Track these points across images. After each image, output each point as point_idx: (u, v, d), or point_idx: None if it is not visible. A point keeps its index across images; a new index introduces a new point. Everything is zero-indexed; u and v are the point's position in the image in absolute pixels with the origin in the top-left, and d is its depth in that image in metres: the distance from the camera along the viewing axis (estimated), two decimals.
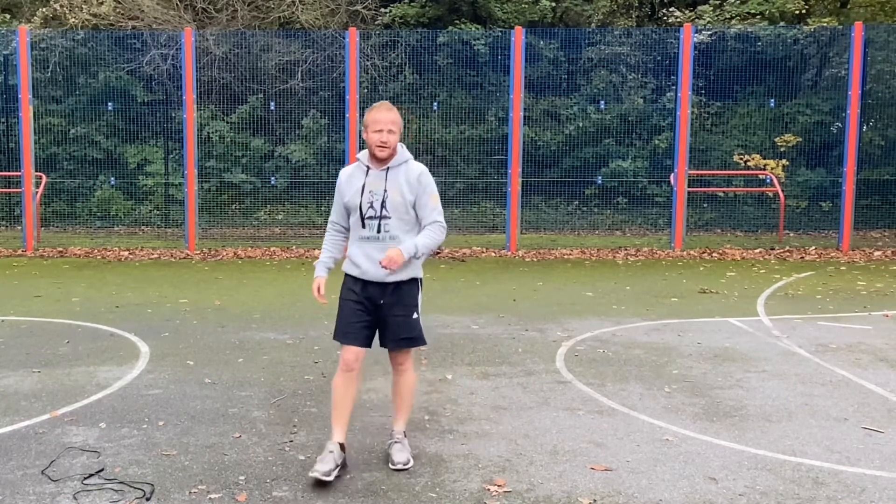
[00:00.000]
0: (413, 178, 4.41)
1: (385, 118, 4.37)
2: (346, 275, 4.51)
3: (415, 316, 4.46)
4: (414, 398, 4.74)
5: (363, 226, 4.39)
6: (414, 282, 4.49)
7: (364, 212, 4.38)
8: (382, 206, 4.37)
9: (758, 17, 15.74)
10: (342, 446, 4.36)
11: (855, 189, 13.33)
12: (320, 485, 4.16)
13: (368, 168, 4.45)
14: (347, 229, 4.55)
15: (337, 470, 4.22)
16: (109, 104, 15.21)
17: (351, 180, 4.48)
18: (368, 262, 4.38)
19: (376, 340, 4.54)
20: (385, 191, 4.38)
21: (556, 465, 4.48)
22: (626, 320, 8.19)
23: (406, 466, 4.39)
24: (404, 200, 4.38)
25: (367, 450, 4.68)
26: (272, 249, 13.28)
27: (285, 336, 7.46)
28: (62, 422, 5.12)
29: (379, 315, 4.44)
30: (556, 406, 5.46)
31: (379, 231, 4.38)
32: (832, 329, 7.81)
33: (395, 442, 4.51)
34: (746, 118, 15.53)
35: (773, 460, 4.55)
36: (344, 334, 4.44)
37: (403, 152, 4.49)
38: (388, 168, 4.43)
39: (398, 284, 4.41)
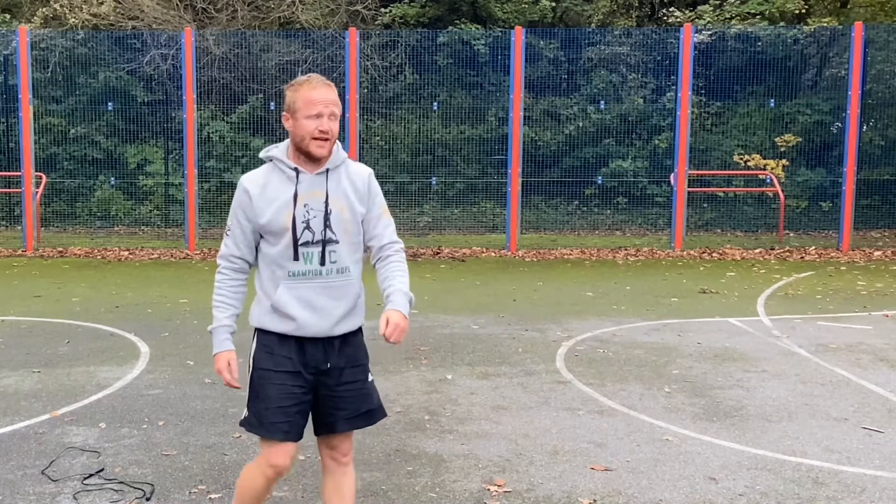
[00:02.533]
0: (362, 183, 3.14)
1: (326, 97, 2.98)
2: (266, 333, 3.11)
3: (370, 379, 3.23)
4: None
5: (296, 257, 3.02)
6: (360, 331, 3.23)
7: (299, 235, 3.02)
8: (326, 225, 3.05)
9: (758, 17, 15.74)
10: None
11: (855, 189, 13.33)
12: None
13: (298, 172, 3.04)
14: (251, 266, 3.18)
15: None
16: (109, 104, 15.21)
17: (268, 191, 3.04)
18: (308, 310, 3.03)
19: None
20: (327, 204, 3.05)
21: (556, 465, 4.48)
22: (626, 320, 8.19)
23: None
24: (354, 216, 3.12)
25: (367, 450, 4.68)
26: None
27: None
28: (62, 422, 5.12)
29: (323, 386, 3.11)
30: (556, 406, 5.46)
31: (323, 262, 3.05)
32: (832, 329, 7.81)
33: None
34: (746, 118, 15.53)
35: (773, 460, 4.55)
36: (273, 426, 3.06)
37: (339, 148, 3.13)
38: (326, 171, 3.07)
39: (345, 338, 3.13)
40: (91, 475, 4.29)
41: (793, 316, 8.44)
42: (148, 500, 4.02)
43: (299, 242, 3.02)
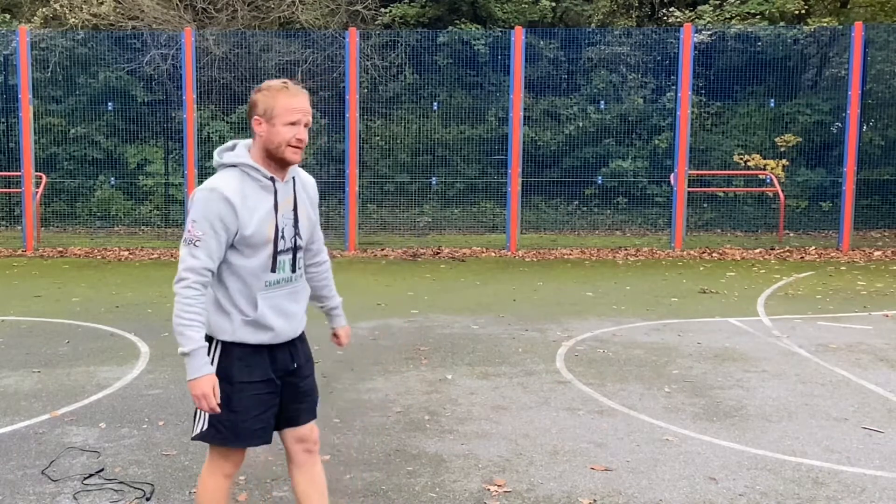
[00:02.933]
0: (313, 191, 3.26)
1: (304, 106, 2.98)
2: (239, 346, 3.04)
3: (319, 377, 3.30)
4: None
5: (273, 268, 3.01)
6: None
7: (277, 246, 3.01)
8: (296, 232, 3.09)
9: (758, 17, 15.74)
10: None
11: (855, 189, 13.32)
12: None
13: (273, 180, 3.01)
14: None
15: None
16: (109, 104, 15.21)
17: (248, 202, 2.94)
18: (282, 318, 3.06)
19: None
20: (296, 211, 3.10)
21: (556, 465, 4.48)
22: (626, 320, 8.19)
23: None
24: (311, 222, 3.21)
25: (367, 450, 4.68)
26: None
27: None
28: (62, 422, 5.12)
29: (289, 385, 3.19)
30: (556, 406, 5.46)
31: (294, 269, 3.08)
32: (832, 329, 7.81)
33: None
34: (746, 118, 15.53)
35: (773, 460, 4.55)
36: (252, 434, 3.14)
37: None
38: (293, 178, 3.11)
39: (301, 336, 3.24)
40: (91, 475, 4.29)
41: (793, 316, 8.44)
42: (148, 500, 4.02)
43: (278, 252, 3.01)
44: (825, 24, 15.37)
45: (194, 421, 3.21)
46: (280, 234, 3.00)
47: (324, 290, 3.36)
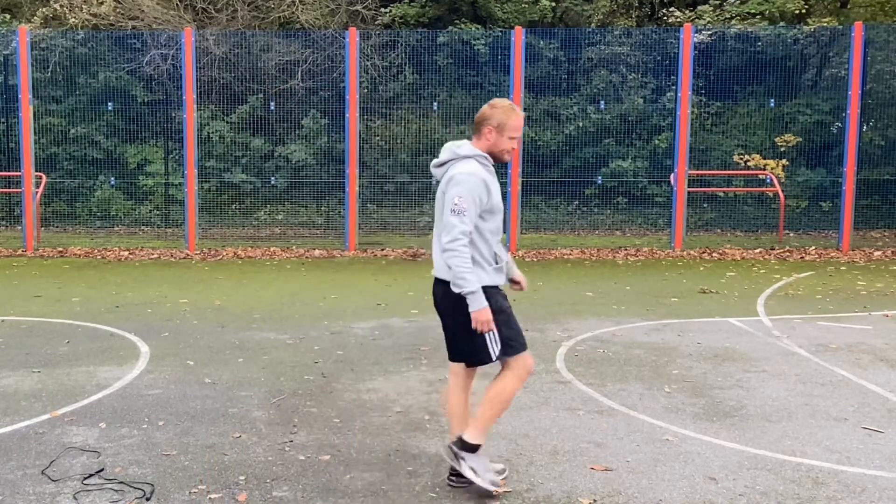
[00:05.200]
0: None
1: (520, 125, 4.13)
2: (495, 287, 4.12)
3: None
4: None
5: (495, 231, 4.10)
6: None
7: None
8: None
9: (758, 17, 15.74)
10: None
11: (855, 189, 13.32)
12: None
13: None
14: None
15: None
16: (109, 104, 15.21)
17: (490, 180, 4.05)
18: (505, 266, 4.21)
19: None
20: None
21: (556, 465, 4.48)
22: (626, 320, 8.19)
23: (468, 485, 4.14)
24: None
25: (367, 450, 4.68)
26: (272, 249, 13.28)
27: (285, 336, 7.45)
28: (62, 422, 5.12)
29: None
30: (556, 406, 5.46)
31: (504, 229, 4.35)
32: (832, 329, 7.81)
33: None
34: (746, 118, 15.53)
35: (773, 460, 4.55)
36: (523, 343, 4.22)
37: None
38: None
39: None
40: (91, 475, 4.29)
41: (793, 316, 8.44)
42: (148, 500, 4.02)
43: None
44: (825, 24, 15.36)
45: (486, 351, 4.10)
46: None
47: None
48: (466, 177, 3.96)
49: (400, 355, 6.78)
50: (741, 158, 14.76)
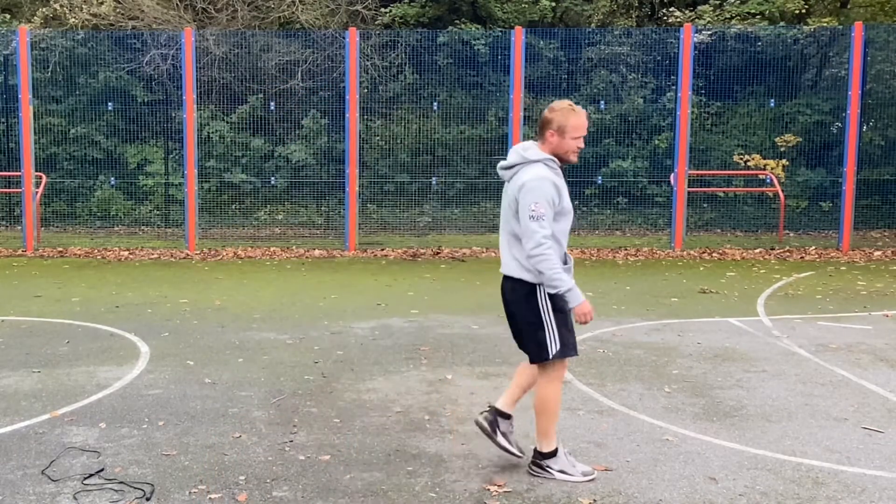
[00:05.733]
0: None
1: (586, 124, 4.23)
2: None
3: None
4: None
5: (565, 231, 4.27)
6: None
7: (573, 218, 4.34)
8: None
9: (758, 17, 15.73)
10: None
11: (855, 189, 13.32)
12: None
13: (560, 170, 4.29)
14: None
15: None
16: (109, 104, 15.21)
17: (560, 184, 4.18)
18: (569, 269, 4.30)
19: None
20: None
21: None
22: (626, 320, 8.19)
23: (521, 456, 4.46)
24: None
25: (367, 450, 4.68)
26: (272, 249, 13.28)
27: (285, 336, 7.46)
28: (62, 422, 5.12)
29: None
30: None
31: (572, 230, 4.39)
32: (832, 329, 7.81)
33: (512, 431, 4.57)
34: (746, 118, 15.52)
35: (773, 460, 4.55)
36: (575, 347, 4.39)
37: None
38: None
39: None
40: (91, 475, 4.29)
41: (793, 316, 8.44)
42: (148, 500, 4.02)
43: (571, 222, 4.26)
44: (825, 24, 15.36)
45: (546, 349, 4.29)
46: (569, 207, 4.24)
47: None
48: (539, 182, 4.08)
49: (400, 355, 6.78)
50: (741, 158, 14.75)
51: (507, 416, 4.52)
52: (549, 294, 4.22)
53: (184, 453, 4.61)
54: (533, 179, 4.08)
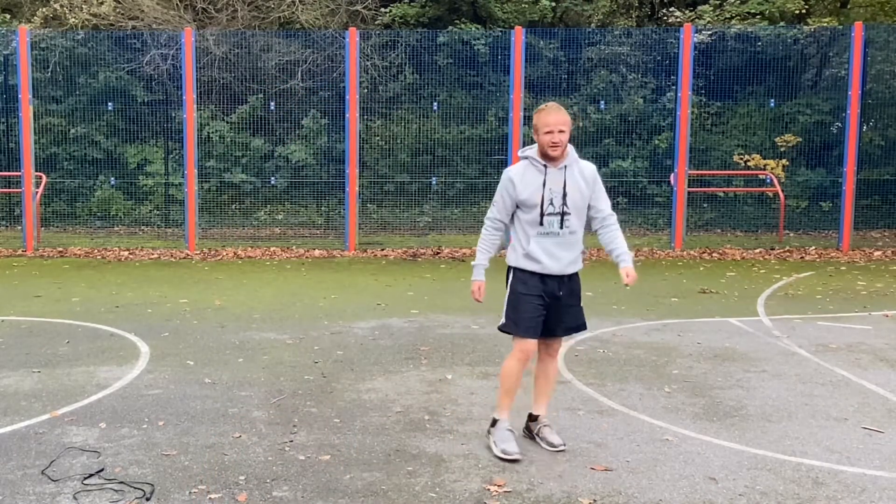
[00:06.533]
0: (590, 175, 4.69)
1: (556, 119, 4.54)
2: (522, 270, 4.66)
3: (581, 304, 4.81)
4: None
5: (541, 223, 4.56)
6: (578, 274, 4.78)
7: (545, 209, 4.57)
8: (563, 202, 4.57)
9: (758, 17, 15.73)
10: (533, 417, 4.86)
11: (855, 189, 13.32)
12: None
13: (546, 167, 4.60)
14: (506, 226, 4.75)
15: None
16: (109, 104, 15.21)
17: (526, 178, 4.59)
18: (549, 257, 4.59)
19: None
20: (565, 188, 4.59)
21: (556, 465, 4.48)
22: (626, 320, 8.19)
23: (565, 447, 4.66)
24: (583, 197, 4.64)
25: (367, 450, 4.68)
26: (272, 249, 13.28)
27: (285, 336, 7.46)
28: (62, 422, 5.12)
29: (553, 307, 4.66)
30: (556, 406, 5.46)
31: (562, 227, 4.59)
32: (832, 329, 7.81)
33: (546, 426, 4.78)
34: (746, 118, 15.52)
35: (773, 460, 4.55)
36: (526, 329, 4.65)
37: (573, 152, 4.71)
38: (565, 167, 4.63)
39: (571, 276, 4.70)
40: (91, 475, 4.29)
41: (793, 316, 8.44)
42: (148, 500, 4.02)
43: (545, 213, 4.55)
44: (825, 24, 15.36)
45: (502, 319, 4.75)
46: (549, 201, 4.55)
47: (611, 244, 4.80)
48: (503, 175, 4.71)
49: (400, 355, 6.78)
50: (741, 158, 14.75)
51: (534, 418, 4.87)
52: (513, 275, 4.71)
53: (184, 453, 4.61)
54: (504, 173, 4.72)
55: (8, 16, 17.13)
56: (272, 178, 15.47)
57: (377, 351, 6.94)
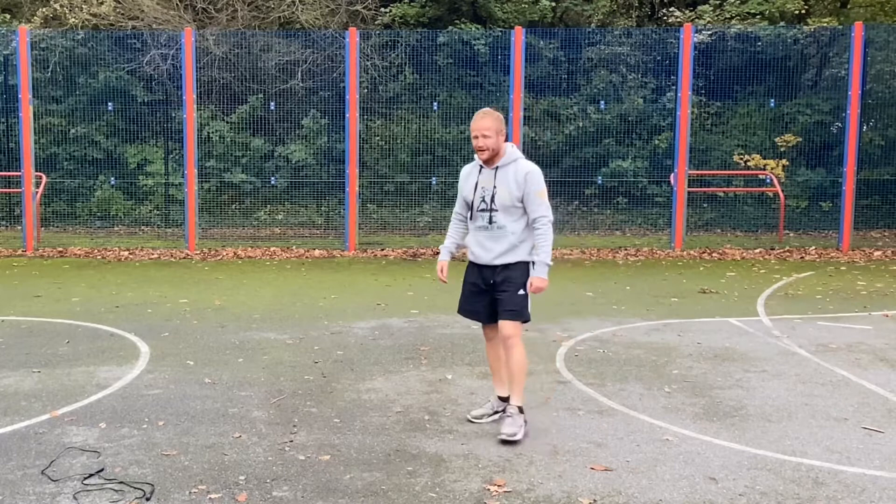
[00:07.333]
0: (519, 176, 4.89)
1: (478, 125, 4.91)
2: (470, 261, 5.17)
3: (521, 293, 4.93)
4: (525, 373, 5.03)
5: (472, 217, 5.05)
6: (520, 264, 4.96)
7: (476, 205, 5.00)
8: (492, 200, 4.93)
9: (758, 17, 15.73)
10: (503, 399, 5.13)
11: (855, 189, 13.32)
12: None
13: (481, 168, 5.03)
14: (467, 218, 5.17)
15: (489, 417, 5.13)
16: (109, 104, 15.21)
17: (469, 178, 5.09)
18: (479, 248, 5.02)
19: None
20: (494, 187, 4.93)
21: (556, 465, 4.48)
22: (626, 320, 8.19)
23: (510, 438, 4.74)
24: (510, 196, 4.89)
25: (367, 450, 4.68)
26: (272, 249, 13.28)
27: (285, 336, 7.46)
28: (62, 422, 5.12)
29: (492, 293, 5.03)
30: (556, 406, 5.46)
31: (490, 222, 4.96)
32: (832, 329, 7.81)
33: (507, 416, 4.91)
34: (746, 118, 15.52)
35: (773, 460, 4.55)
36: (466, 312, 5.21)
37: (511, 153, 4.98)
38: (496, 168, 4.96)
39: (508, 266, 4.97)
40: (91, 475, 4.29)
41: (793, 316, 8.44)
42: (148, 500, 4.02)
43: (476, 209, 5.01)
44: (825, 24, 15.36)
45: None
46: (480, 199, 4.98)
47: (534, 249, 4.97)
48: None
49: (400, 355, 6.78)
50: (741, 158, 14.75)
51: (504, 399, 5.15)
52: (467, 265, 5.20)
53: (184, 453, 4.61)
54: None
55: (8, 16, 17.13)
56: (272, 178, 15.47)
57: (377, 351, 6.94)
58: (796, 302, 9.22)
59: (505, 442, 4.73)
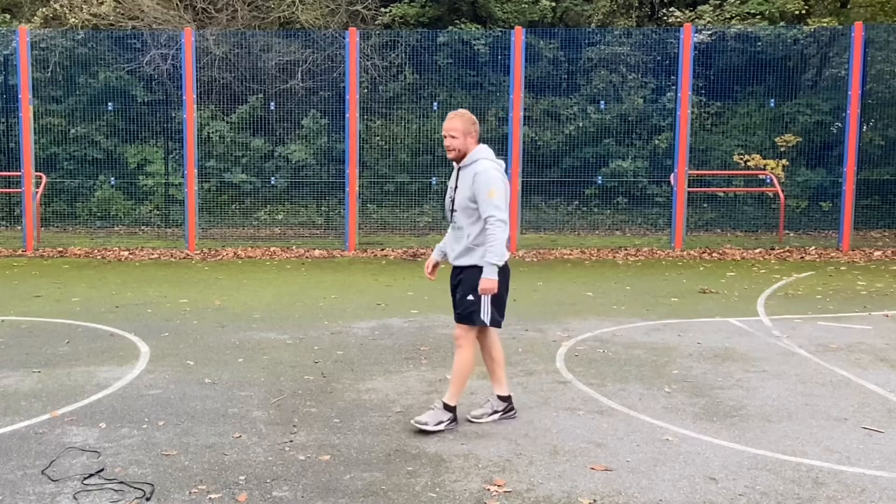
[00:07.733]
0: (471, 178, 4.94)
1: (446, 126, 5.02)
2: None
3: (469, 297, 4.96)
4: (464, 376, 5.05)
5: (451, 218, 5.13)
6: (474, 268, 4.95)
7: (446, 204, 5.18)
8: (452, 199, 5.07)
9: (758, 17, 15.73)
10: (503, 398, 5.21)
11: (855, 189, 13.32)
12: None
13: (456, 168, 5.15)
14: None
15: (489, 416, 5.15)
16: (109, 104, 15.21)
17: (453, 176, 5.19)
18: (448, 248, 5.19)
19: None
20: (456, 188, 5.05)
21: (556, 465, 4.48)
22: (626, 320, 8.19)
23: (420, 425, 4.88)
24: (465, 196, 4.95)
25: (367, 450, 4.68)
26: (272, 249, 13.27)
27: (285, 336, 7.46)
28: (62, 422, 5.12)
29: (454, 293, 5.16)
30: (556, 406, 5.46)
31: (452, 221, 5.11)
32: (832, 329, 7.81)
33: (431, 408, 5.05)
34: (746, 118, 15.52)
35: (773, 460, 4.55)
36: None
37: (475, 155, 5.03)
38: (459, 168, 5.08)
39: (465, 268, 5.03)
40: (91, 475, 4.29)
41: (793, 316, 8.44)
42: (148, 500, 4.02)
43: (447, 209, 5.13)
44: (825, 24, 15.36)
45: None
46: (450, 199, 5.09)
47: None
48: None
49: (400, 355, 6.78)
50: (741, 158, 14.75)
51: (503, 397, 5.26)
52: None
53: (184, 453, 4.61)
54: None
55: (8, 16, 17.13)
56: (272, 178, 15.47)
57: (377, 351, 6.94)
58: (796, 302, 9.22)
59: (415, 427, 4.89)
